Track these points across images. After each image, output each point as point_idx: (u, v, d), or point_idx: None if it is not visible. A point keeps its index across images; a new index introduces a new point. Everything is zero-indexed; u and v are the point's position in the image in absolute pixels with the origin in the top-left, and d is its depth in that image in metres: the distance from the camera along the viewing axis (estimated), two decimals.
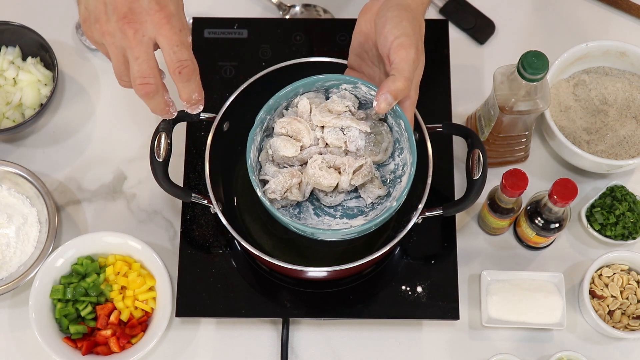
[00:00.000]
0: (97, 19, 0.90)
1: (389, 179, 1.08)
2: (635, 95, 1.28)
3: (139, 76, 0.91)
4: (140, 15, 0.89)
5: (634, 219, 1.23)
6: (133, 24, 0.89)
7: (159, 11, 0.89)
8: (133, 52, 0.90)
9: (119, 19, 0.88)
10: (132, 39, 0.89)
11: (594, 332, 1.22)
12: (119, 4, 0.88)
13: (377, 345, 1.22)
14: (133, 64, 0.90)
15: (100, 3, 0.89)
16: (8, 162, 1.25)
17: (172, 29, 0.90)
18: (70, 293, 1.19)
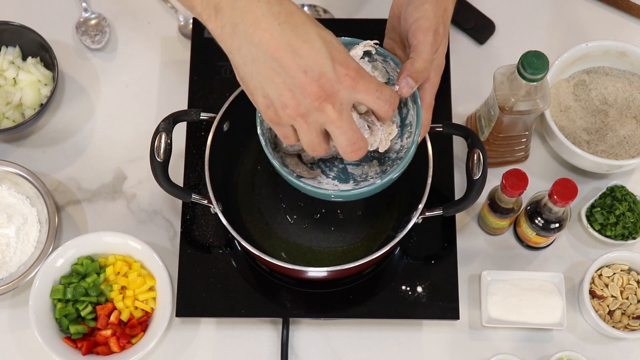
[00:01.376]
0: (284, 105, 0.85)
1: (391, 158, 1.04)
2: (635, 95, 1.28)
3: (349, 144, 0.88)
4: (333, 88, 0.84)
5: (634, 219, 1.23)
6: (330, 99, 0.84)
7: (347, 74, 0.84)
8: (335, 125, 0.86)
9: (314, 99, 0.84)
10: (332, 113, 0.85)
11: (594, 332, 1.22)
12: (307, 86, 0.83)
13: (377, 345, 1.22)
14: (339, 136, 0.87)
15: (284, 90, 0.84)
16: (8, 162, 1.25)
17: (364, 81, 0.86)
18: (70, 293, 1.19)
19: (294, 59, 0.82)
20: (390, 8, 1.04)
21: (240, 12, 0.82)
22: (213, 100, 1.28)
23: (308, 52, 0.82)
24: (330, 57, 0.83)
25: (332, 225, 1.21)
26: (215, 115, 1.14)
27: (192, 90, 1.30)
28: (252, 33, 0.82)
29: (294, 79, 0.83)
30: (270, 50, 0.82)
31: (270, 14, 0.82)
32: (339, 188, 1.03)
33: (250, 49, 0.83)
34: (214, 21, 0.85)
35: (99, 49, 1.37)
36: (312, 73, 0.83)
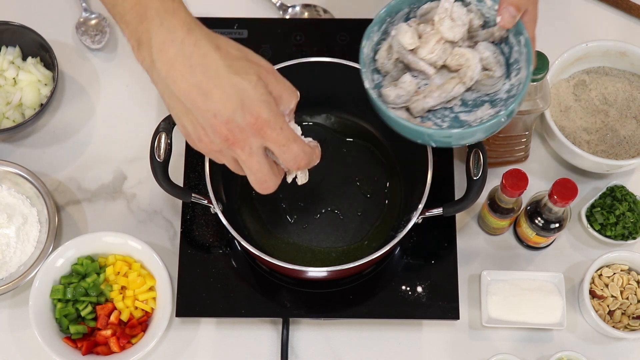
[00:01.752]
0: (199, 139, 0.89)
1: (502, 99, 1.03)
2: (635, 95, 1.28)
3: (257, 182, 0.92)
4: (241, 133, 0.87)
5: (634, 219, 1.23)
6: (238, 143, 0.87)
7: (254, 123, 0.86)
8: (245, 165, 0.90)
9: (222, 141, 0.87)
10: (241, 154, 0.88)
11: (594, 332, 1.22)
12: (217, 127, 0.86)
13: (377, 345, 1.22)
14: (249, 174, 0.91)
15: (198, 126, 0.88)
16: (8, 162, 1.25)
17: (273, 131, 0.87)
18: (70, 293, 1.19)
19: (205, 101, 0.85)
20: None
21: (157, 50, 0.85)
22: None
23: (218, 97, 0.84)
24: (240, 105, 0.85)
25: (332, 225, 1.21)
26: None
27: None
28: (166, 72, 0.85)
29: (206, 120, 0.86)
30: (182, 92, 0.85)
31: (182, 55, 0.84)
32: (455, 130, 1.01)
33: (165, 85, 0.86)
34: (137, 52, 0.87)
35: (99, 49, 1.37)
36: (221, 118, 0.85)
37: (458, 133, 1.00)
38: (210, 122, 0.86)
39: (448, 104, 1.04)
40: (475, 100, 1.04)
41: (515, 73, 1.01)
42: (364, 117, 1.25)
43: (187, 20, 0.87)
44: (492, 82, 1.02)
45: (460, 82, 1.02)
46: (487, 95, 1.04)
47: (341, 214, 1.22)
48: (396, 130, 1.03)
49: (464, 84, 1.02)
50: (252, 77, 0.86)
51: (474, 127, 0.98)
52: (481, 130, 0.99)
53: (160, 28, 0.85)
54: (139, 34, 0.86)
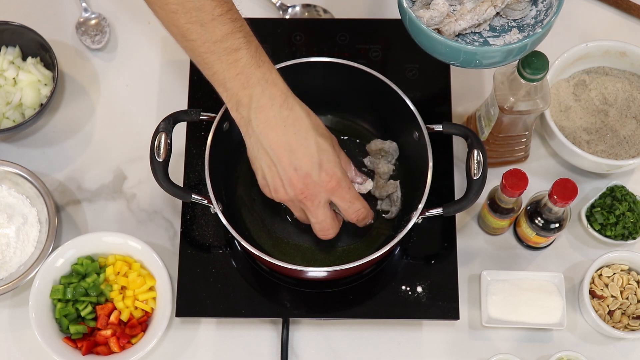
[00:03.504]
0: (275, 189, 1.05)
1: (530, 24, 1.09)
2: (635, 95, 1.28)
3: (320, 230, 1.10)
4: (315, 188, 1.03)
5: (634, 219, 1.23)
6: (310, 197, 1.04)
7: (329, 181, 1.03)
8: (312, 215, 1.07)
9: (297, 194, 1.03)
10: (311, 206, 1.05)
11: (594, 332, 1.22)
12: (295, 181, 1.02)
13: (377, 345, 1.22)
14: (314, 223, 1.09)
15: (277, 178, 1.03)
16: (8, 162, 1.25)
17: (342, 189, 1.05)
18: (70, 293, 1.19)
19: (289, 157, 1.01)
20: None
21: (256, 111, 1.00)
22: (213, 100, 1.27)
23: (302, 154, 1.01)
24: (318, 164, 1.02)
25: None
26: (215, 115, 1.14)
27: (192, 90, 1.30)
28: (262, 129, 1.00)
29: (286, 172, 1.02)
30: (273, 146, 1.00)
31: (279, 117, 1.00)
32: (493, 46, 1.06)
33: (258, 139, 1.01)
34: (235, 112, 1.02)
35: (99, 49, 1.37)
36: (301, 172, 1.01)
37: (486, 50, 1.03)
38: (289, 175, 1.01)
39: (477, 29, 1.09)
40: (504, 26, 1.09)
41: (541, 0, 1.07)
42: (364, 117, 1.25)
43: (284, 90, 1.01)
44: (521, 7, 1.07)
45: (492, 4, 1.06)
46: (514, 21, 1.09)
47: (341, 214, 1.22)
48: (428, 50, 1.07)
49: (495, 6, 1.06)
50: (330, 142, 1.04)
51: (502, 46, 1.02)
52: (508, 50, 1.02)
53: (262, 95, 0.99)
54: (239, 98, 1.00)
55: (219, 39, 0.97)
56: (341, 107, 1.25)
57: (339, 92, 1.21)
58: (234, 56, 0.98)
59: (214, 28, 0.97)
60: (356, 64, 1.16)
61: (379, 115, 1.23)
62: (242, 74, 0.99)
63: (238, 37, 0.98)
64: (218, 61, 0.99)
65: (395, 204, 1.19)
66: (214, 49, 0.98)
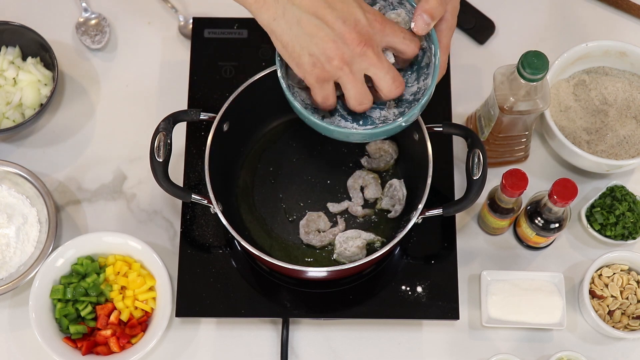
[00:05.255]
0: (330, 58, 0.95)
1: (408, 100, 1.06)
2: (635, 95, 1.28)
3: (394, 81, 0.99)
4: (368, 32, 0.95)
5: (633, 219, 1.23)
6: (369, 43, 0.95)
7: (376, 19, 0.96)
8: (377, 67, 0.97)
9: (356, 45, 0.95)
10: (372, 56, 0.96)
11: (594, 332, 1.22)
12: (347, 34, 0.94)
13: (377, 345, 1.22)
14: (384, 75, 0.98)
15: (328, 42, 0.94)
16: (8, 162, 1.25)
17: (390, 25, 0.97)
18: (70, 293, 1.19)
19: (332, 12, 0.93)
20: None
21: None
22: (213, 100, 1.28)
23: (341, 5, 0.94)
24: (359, 7, 0.95)
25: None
26: (215, 115, 1.14)
27: (192, 90, 1.30)
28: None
29: (335, 30, 0.94)
30: (312, 9, 0.94)
31: None
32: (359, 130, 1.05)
33: (294, 11, 0.94)
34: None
35: (99, 49, 1.37)
36: (349, 22, 0.94)
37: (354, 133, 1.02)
38: (340, 31, 0.94)
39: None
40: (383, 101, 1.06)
41: (423, 77, 1.04)
42: None
43: None
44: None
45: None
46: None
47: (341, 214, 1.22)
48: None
49: None
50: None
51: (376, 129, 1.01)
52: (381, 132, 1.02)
53: None
54: None
55: None
56: None
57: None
58: None
59: None
60: None
61: None
62: None
63: None
64: None
65: (400, 202, 1.19)
66: None
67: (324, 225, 1.20)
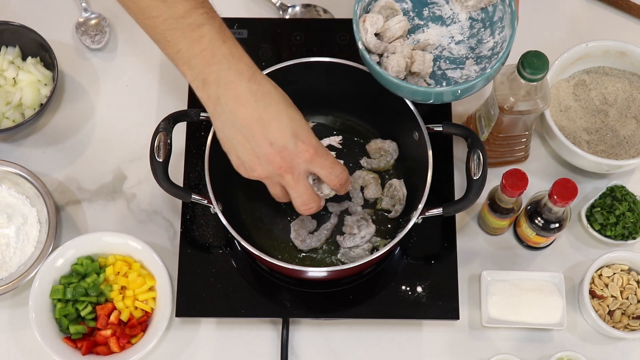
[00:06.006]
0: (252, 168, 1.01)
1: (486, 56, 1.10)
2: (635, 95, 1.28)
3: (302, 204, 1.05)
4: (293, 160, 0.99)
5: (634, 219, 1.23)
6: (290, 170, 1.00)
7: (307, 150, 0.99)
8: (293, 190, 1.03)
9: (275, 169, 0.99)
10: (291, 181, 1.01)
11: (594, 332, 1.22)
12: (271, 156, 0.98)
13: (377, 345, 1.22)
14: (295, 198, 1.04)
15: (252, 155, 0.99)
16: (8, 162, 1.25)
17: (321, 157, 1.01)
18: (70, 293, 1.19)
19: (263, 131, 0.97)
20: None
21: (224, 88, 0.96)
22: None
23: (276, 127, 0.97)
24: (293, 135, 0.98)
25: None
26: None
27: (192, 90, 1.29)
28: (232, 106, 0.97)
29: (261, 148, 0.98)
30: (245, 122, 0.97)
31: (249, 92, 0.96)
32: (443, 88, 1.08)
33: (228, 117, 0.98)
34: (202, 91, 0.98)
35: (99, 49, 1.37)
36: (276, 146, 0.97)
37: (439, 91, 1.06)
38: (265, 151, 0.98)
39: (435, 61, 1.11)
40: (461, 57, 1.09)
41: (499, 31, 1.06)
42: (364, 116, 1.25)
43: (250, 65, 0.98)
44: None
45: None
46: (472, 52, 1.09)
47: (341, 214, 1.22)
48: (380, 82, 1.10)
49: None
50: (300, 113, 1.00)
51: (458, 86, 1.05)
52: (465, 89, 1.05)
53: (229, 71, 0.96)
54: (205, 75, 0.97)
55: (181, 14, 0.95)
56: (341, 107, 1.25)
57: (339, 91, 1.21)
58: (198, 32, 0.95)
59: (175, 3, 0.94)
60: (356, 64, 1.16)
61: (379, 115, 1.23)
62: (207, 50, 0.95)
63: (201, 12, 0.96)
64: (182, 38, 0.95)
65: (400, 202, 1.19)
66: (177, 25, 0.95)
67: (312, 225, 1.20)
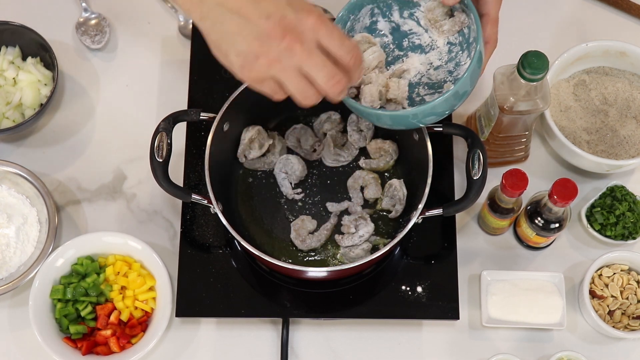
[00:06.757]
0: (256, 55, 0.90)
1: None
2: (635, 95, 1.28)
3: (329, 79, 0.91)
4: (296, 27, 0.89)
5: (634, 219, 1.23)
6: (297, 39, 0.89)
7: (309, 15, 0.89)
8: (310, 62, 0.90)
9: (281, 41, 0.89)
10: (302, 52, 0.89)
11: (594, 332, 1.22)
12: (272, 31, 0.88)
13: (377, 345, 1.22)
14: (317, 73, 0.91)
15: (252, 40, 0.89)
16: (8, 162, 1.25)
17: (327, 24, 0.90)
18: (70, 293, 1.19)
19: (255, 9, 0.88)
20: None
21: None
22: (213, 100, 1.28)
23: (267, 3, 0.88)
24: (288, 4, 0.89)
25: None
26: (215, 115, 1.14)
27: (192, 90, 1.30)
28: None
29: (258, 27, 0.88)
30: (235, 7, 0.89)
31: None
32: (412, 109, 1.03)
33: (217, 10, 0.90)
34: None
35: (99, 49, 1.37)
36: (274, 17, 0.88)
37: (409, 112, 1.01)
38: (263, 27, 0.88)
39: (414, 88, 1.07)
40: (439, 82, 1.06)
41: (474, 52, 1.02)
42: None
43: None
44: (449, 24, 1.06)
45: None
46: (450, 75, 1.06)
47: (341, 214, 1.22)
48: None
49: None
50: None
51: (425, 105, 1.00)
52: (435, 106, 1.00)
53: None
54: None
55: None
56: (341, 107, 1.25)
57: None
58: None
59: None
60: None
61: None
62: None
63: None
64: None
65: (400, 202, 1.19)
66: None
67: (312, 225, 1.19)
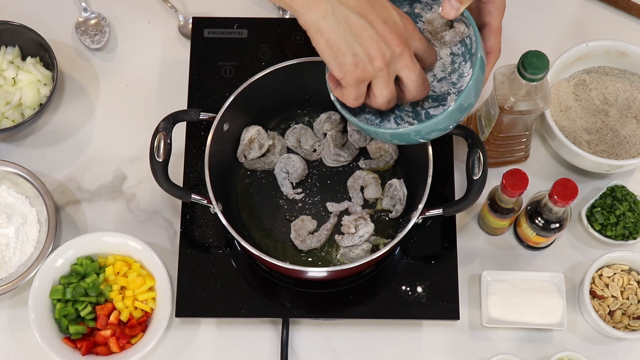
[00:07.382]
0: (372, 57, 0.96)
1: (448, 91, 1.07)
2: (635, 95, 1.28)
3: (420, 84, 1.00)
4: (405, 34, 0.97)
5: (634, 219, 1.23)
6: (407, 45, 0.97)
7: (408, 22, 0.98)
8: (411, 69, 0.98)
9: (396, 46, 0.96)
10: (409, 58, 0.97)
11: (595, 333, 1.22)
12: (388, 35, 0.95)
13: (377, 345, 1.21)
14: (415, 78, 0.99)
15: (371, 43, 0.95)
16: (8, 162, 1.25)
17: (418, 33, 1.00)
18: (70, 293, 1.19)
19: (374, 13, 0.95)
20: None
21: None
22: (213, 100, 1.28)
23: (381, 7, 0.96)
24: (394, 9, 0.97)
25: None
26: (215, 115, 1.14)
27: (192, 90, 1.29)
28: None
29: (378, 31, 0.95)
30: (358, 9, 0.95)
31: None
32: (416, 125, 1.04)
33: (342, 10, 0.95)
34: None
35: (99, 48, 1.37)
36: (389, 23, 0.96)
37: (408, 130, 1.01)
38: (381, 31, 0.95)
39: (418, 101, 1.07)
40: (443, 94, 1.06)
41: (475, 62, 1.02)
42: None
43: None
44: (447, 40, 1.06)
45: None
46: (454, 87, 1.05)
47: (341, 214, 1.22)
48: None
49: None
50: None
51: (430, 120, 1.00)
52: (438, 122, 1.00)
53: None
54: None
55: None
56: None
57: None
58: None
59: None
60: None
61: None
62: None
63: None
64: None
65: (400, 202, 1.19)
66: None
67: (312, 225, 1.19)
